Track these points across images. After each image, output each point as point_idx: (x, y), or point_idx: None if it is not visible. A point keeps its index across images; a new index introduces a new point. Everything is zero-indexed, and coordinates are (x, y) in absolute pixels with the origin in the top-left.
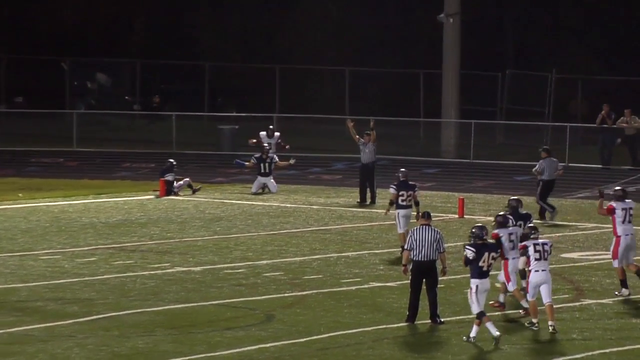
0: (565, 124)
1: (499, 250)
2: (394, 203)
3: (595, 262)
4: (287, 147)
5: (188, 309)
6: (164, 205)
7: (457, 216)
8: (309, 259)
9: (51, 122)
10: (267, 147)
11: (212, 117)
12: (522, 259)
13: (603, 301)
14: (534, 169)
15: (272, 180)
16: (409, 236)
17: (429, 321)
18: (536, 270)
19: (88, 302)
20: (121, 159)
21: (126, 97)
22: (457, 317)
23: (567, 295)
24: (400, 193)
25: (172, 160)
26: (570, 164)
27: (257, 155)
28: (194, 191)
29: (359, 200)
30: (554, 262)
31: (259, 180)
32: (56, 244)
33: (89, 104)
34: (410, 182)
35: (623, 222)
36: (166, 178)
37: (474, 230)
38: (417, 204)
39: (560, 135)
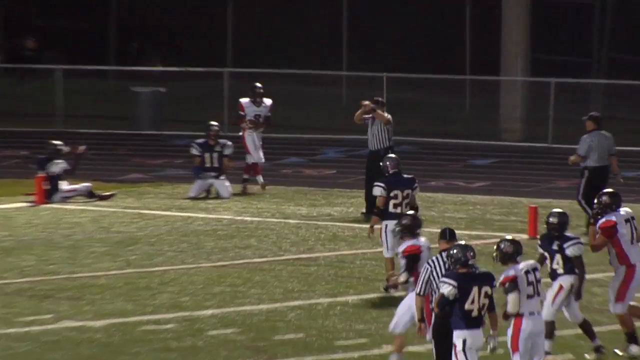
0: None
1: (495, 284)
2: (382, 211)
3: None
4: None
5: None
6: (43, 218)
7: (525, 236)
8: (283, 307)
9: None
10: (216, 127)
11: (122, 73)
12: (512, 298)
13: None
14: (572, 157)
15: (223, 179)
16: (425, 272)
17: None
18: (531, 313)
19: None
20: None
21: None
22: None
23: None
24: (393, 194)
25: (58, 142)
26: None
27: (200, 140)
28: (102, 198)
29: (364, 210)
30: None
31: (202, 178)
32: None
33: None
34: (405, 176)
35: (632, 242)
36: (49, 172)
37: (453, 252)
38: (414, 209)
39: None
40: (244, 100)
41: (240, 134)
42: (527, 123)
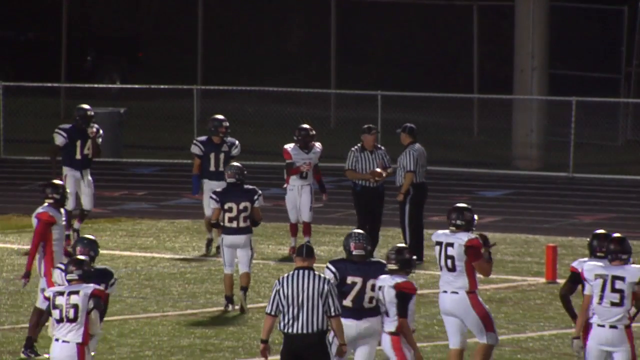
0: None
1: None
2: (218, 224)
3: None
4: None
5: None
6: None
7: (543, 280)
8: None
9: None
10: (227, 123)
11: (74, 91)
12: None
13: None
14: (404, 184)
15: None
16: (273, 291)
17: None
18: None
19: None
20: None
21: None
22: None
23: None
24: (227, 206)
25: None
26: None
27: (203, 138)
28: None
29: None
30: None
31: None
32: None
33: None
34: (246, 187)
35: (600, 301)
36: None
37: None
38: (254, 223)
39: None
40: (290, 146)
41: (285, 186)
42: (544, 149)
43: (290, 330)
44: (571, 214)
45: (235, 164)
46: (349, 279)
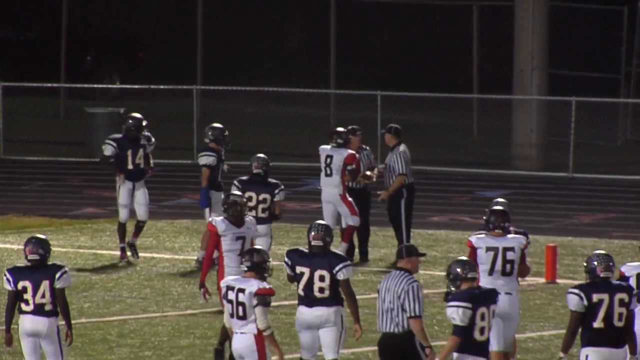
0: None
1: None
2: None
3: None
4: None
5: None
6: None
7: (542, 280)
8: None
9: None
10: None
11: (74, 91)
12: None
13: None
14: (392, 187)
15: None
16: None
17: None
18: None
19: None
20: None
21: None
22: None
23: None
24: (247, 195)
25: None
26: None
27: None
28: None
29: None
30: None
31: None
32: None
33: None
34: (270, 180)
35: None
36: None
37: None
38: (275, 217)
39: None
40: (324, 147)
41: (340, 192)
42: (544, 149)
43: (380, 328)
44: (571, 214)
45: (261, 155)
46: (298, 269)
